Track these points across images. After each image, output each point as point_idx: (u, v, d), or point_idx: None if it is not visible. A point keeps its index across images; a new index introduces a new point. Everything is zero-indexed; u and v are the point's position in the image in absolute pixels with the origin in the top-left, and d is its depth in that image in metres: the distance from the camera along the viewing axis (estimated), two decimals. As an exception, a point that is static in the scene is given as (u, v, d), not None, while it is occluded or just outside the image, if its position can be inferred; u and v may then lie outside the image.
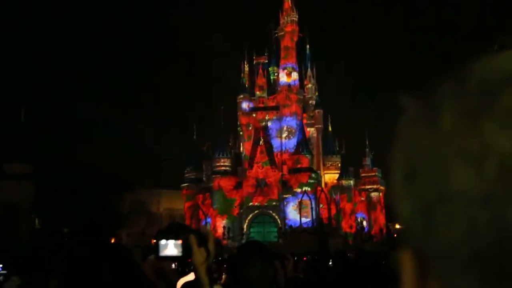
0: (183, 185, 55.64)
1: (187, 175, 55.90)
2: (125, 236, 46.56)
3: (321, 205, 48.12)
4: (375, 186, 54.98)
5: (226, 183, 50.68)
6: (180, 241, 1.69)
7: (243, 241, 47.62)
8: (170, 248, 1.69)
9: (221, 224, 49.23)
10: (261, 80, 57.39)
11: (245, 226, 48.61)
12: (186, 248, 1.68)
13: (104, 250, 1.72)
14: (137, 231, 51.14)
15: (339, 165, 54.48)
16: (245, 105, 56.37)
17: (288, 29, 56.24)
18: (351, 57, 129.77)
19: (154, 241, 1.75)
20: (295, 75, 55.85)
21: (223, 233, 46.12)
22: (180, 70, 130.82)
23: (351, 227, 49.46)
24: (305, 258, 17.18)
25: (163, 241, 1.70)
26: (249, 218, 48.95)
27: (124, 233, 46.20)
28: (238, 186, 50.49)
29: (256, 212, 49.00)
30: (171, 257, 1.71)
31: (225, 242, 43.71)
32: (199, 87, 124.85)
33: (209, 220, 50.41)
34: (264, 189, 49.07)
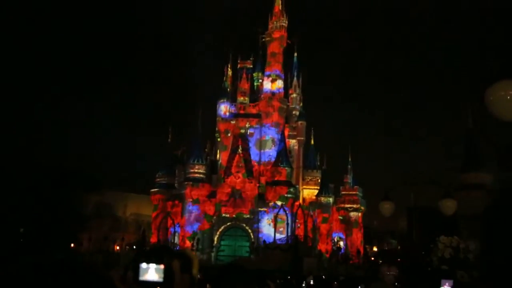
0: (153, 190, 54.87)
1: (158, 179, 55.18)
2: (86, 241, 45.73)
3: (298, 225, 48.07)
4: (355, 206, 55.37)
5: (199, 192, 50.29)
6: (162, 266, 1.62)
7: (213, 253, 47.29)
8: (151, 272, 1.63)
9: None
10: (244, 85, 57.03)
11: (215, 238, 48.24)
12: (168, 273, 1.62)
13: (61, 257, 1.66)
14: (100, 235, 50.29)
15: (319, 180, 54.58)
16: (223, 109, 55.83)
17: (276, 35, 56.42)
18: (341, 71, 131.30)
19: (133, 261, 1.68)
20: (280, 83, 55.95)
21: (192, 244, 45.70)
22: (162, 69, 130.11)
23: (326, 252, 49.43)
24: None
25: (144, 265, 1.63)
26: (220, 230, 48.60)
27: (86, 237, 45.36)
28: (212, 195, 50.14)
29: (228, 224, 48.70)
30: (152, 282, 1.63)
31: (193, 253, 43.26)
32: (180, 89, 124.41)
33: (178, 229, 49.91)
34: (237, 201, 48.83)
